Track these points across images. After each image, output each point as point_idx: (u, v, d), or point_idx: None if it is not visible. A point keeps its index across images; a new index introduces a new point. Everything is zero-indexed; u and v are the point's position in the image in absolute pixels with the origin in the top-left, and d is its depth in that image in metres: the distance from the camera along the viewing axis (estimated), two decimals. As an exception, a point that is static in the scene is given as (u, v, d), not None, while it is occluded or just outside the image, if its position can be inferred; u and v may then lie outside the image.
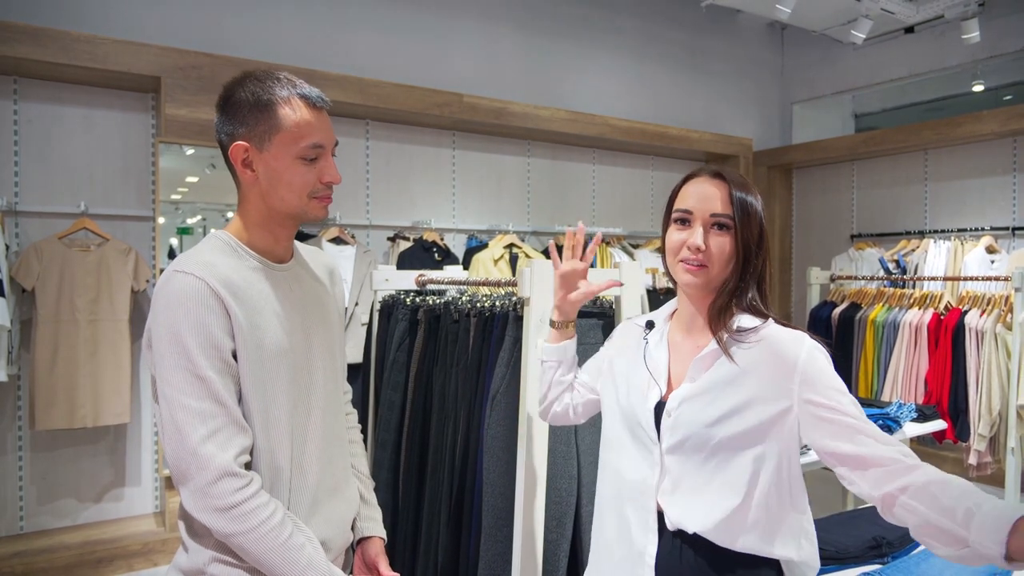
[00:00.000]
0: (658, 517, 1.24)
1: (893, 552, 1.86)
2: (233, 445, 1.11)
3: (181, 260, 1.15)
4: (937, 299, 3.59)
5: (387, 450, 2.23)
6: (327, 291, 1.39)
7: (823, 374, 1.16)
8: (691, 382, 1.23)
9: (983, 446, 3.26)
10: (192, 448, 1.08)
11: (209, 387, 1.10)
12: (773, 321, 1.22)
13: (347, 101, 3.75)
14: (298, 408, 1.23)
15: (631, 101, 5.28)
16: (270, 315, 1.20)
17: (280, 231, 1.26)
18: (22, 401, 3.23)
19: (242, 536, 1.09)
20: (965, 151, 4.92)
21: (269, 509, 1.12)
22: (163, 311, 1.12)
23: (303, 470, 1.22)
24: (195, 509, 1.10)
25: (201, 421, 1.09)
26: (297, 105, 1.19)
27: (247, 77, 1.21)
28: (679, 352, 1.30)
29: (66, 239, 3.20)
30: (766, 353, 1.18)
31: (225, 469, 1.08)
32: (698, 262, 1.21)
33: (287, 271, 1.29)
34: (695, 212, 1.23)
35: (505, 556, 1.80)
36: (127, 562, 3.16)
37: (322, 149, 1.22)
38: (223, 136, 1.22)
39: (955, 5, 4.61)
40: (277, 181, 1.20)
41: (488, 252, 4.14)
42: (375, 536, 1.39)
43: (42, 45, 2.99)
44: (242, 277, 1.19)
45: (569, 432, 1.90)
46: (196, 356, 1.09)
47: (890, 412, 2.62)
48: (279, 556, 1.11)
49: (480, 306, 2.03)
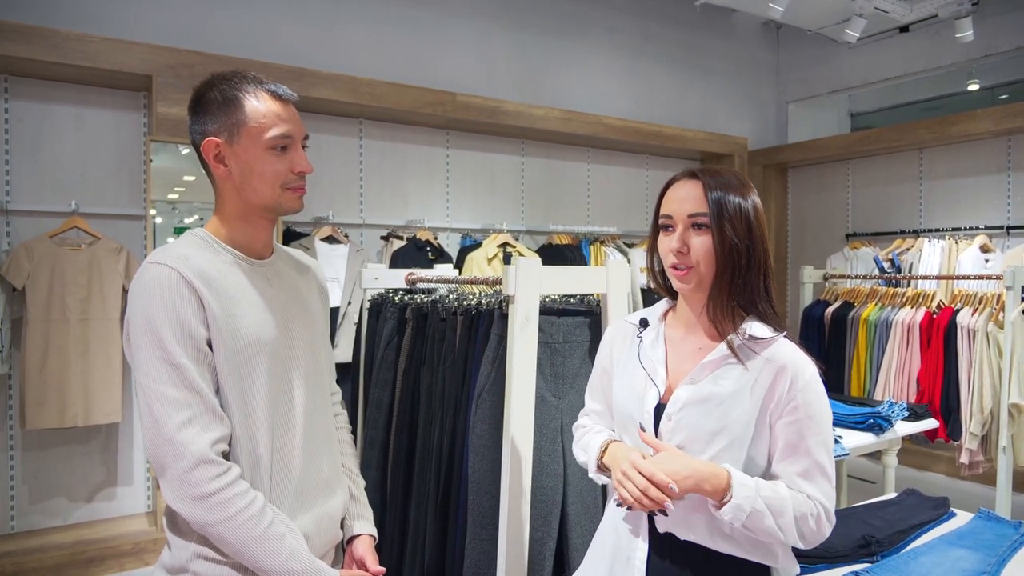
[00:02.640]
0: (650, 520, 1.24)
1: (882, 551, 1.85)
2: (210, 433, 1.11)
3: (156, 253, 1.17)
4: (930, 298, 3.58)
5: (375, 448, 2.23)
6: (310, 289, 1.40)
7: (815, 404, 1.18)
8: (693, 384, 1.22)
9: (975, 445, 3.25)
10: (168, 436, 1.08)
11: (184, 375, 1.10)
12: (784, 337, 1.23)
13: (340, 100, 3.74)
14: (279, 400, 1.23)
15: (626, 100, 5.28)
16: (247, 307, 1.21)
17: (257, 225, 1.27)
18: (13, 400, 3.22)
19: (220, 525, 1.09)
20: (960, 150, 4.92)
21: (247, 498, 1.12)
22: (138, 301, 1.13)
23: (285, 462, 1.22)
24: (173, 498, 1.10)
25: (177, 409, 1.09)
26: (263, 98, 1.22)
27: (215, 78, 1.25)
28: (678, 350, 1.29)
29: (57, 238, 3.19)
30: (776, 366, 1.19)
31: (201, 456, 1.08)
32: (684, 265, 1.21)
33: (267, 266, 1.30)
34: (675, 216, 1.23)
35: (491, 554, 1.80)
36: (118, 562, 3.15)
37: (291, 139, 1.24)
38: (195, 136, 1.24)
39: (949, 4, 4.61)
40: (249, 173, 1.22)
41: (482, 251, 4.14)
42: (364, 534, 1.39)
43: (33, 43, 2.99)
44: (217, 269, 1.20)
45: (555, 430, 1.90)
46: (170, 344, 1.10)
47: (881, 411, 2.61)
48: (259, 546, 1.11)
49: (466, 304, 2.02)
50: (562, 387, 1.93)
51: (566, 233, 4.61)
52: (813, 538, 1.17)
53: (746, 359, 1.19)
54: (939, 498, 2.15)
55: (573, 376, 1.95)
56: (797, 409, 1.16)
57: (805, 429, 1.16)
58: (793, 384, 1.17)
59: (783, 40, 6.24)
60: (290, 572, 1.12)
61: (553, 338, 1.91)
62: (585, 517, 1.90)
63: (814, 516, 1.15)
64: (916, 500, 2.16)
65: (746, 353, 1.20)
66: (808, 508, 1.15)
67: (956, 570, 1.71)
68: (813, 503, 1.15)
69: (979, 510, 2.07)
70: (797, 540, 1.15)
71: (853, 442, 2.43)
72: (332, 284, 3.74)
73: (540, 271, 1.78)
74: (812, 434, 1.16)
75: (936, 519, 2.03)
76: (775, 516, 1.12)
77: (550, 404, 1.90)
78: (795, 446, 1.17)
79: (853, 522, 1.98)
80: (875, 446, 2.58)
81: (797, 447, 1.17)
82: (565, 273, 1.91)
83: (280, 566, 1.11)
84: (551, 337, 1.91)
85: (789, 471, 1.17)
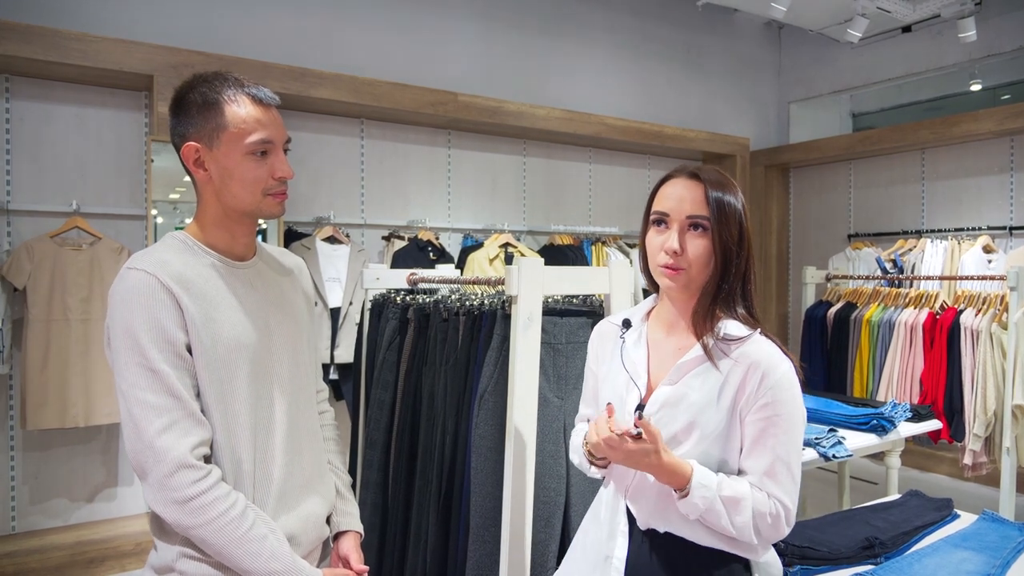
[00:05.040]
0: (629, 518, 1.24)
1: (886, 553, 1.84)
2: (189, 437, 1.11)
3: (134, 258, 1.17)
4: (933, 298, 3.57)
5: (376, 450, 2.22)
6: (294, 289, 1.39)
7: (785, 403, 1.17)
8: (671, 385, 1.22)
9: (978, 446, 3.24)
10: (148, 441, 1.09)
11: (163, 380, 1.11)
12: (759, 333, 1.21)
13: (341, 100, 3.73)
14: (260, 402, 1.23)
15: (627, 100, 5.27)
16: (227, 310, 1.21)
17: (237, 229, 1.27)
18: (13, 400, 3.22)
19: (201, 528, 1.10)
20: (962, 150, 4.91)
21: (228, 501, 1.12)
22: (117, 308, 1.13)
23: (267, 464, 1.22)
24: (154, 502, 1.10)
25: (156, 414, 1.10)
26: (244, 102, 1.21)
27: (196, 79, 1.24)
28: (659, 351, 1.28)
29: (58, 238, 3.18)
30: (746, 364, 1.18)
31: (181, 461, 1.09)
32: (676, 265, 1.21)
33: (248, 268, 1.30)
34: (671, 214, 1.22)
35: (493, 556, 1.79)
36: (119, 562, 3.14)
37: (271, 144, 1.23)
38: (176, 138, 1.24)
39: (951, 4, 4.60)
40: (229, 178, 1.21)
41: (483, 251, 4.13)
42: (350, 531, 1.39)
43: (34, 43, 2.98)
44: (196, 273, 1.19)
45: (558, 431, 1.89)
46: (149, 350, 1.10)
47: (884, 412, 2.60)
48: (240, 548, 1.11)
49: (469, 305, 2.01)
50: (565, 388, 1.92)
51: (568, 233, 4.60)
52: (770, 536, 1.17)
53: (718, 359, 1.19)
54: (942, 500, 2.15)
55: (576, 377, 1.94)
56: (766, 407, 1.16)
57: (772, 427, 1.16)
58: (763, 381, 1.16)
59: (785, 40, 6.23)
60: (271, 573, 1.13)
61: (556, 339, 1.90)
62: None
63: (772, 515, 1.15)
64: (920, 502, 2.15)
65: (718, 353, 1.19)
66: (767, 507, 1.15)
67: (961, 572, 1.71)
68: (773, 502, 1.15)
69: (983, 512, 2.07)
70: (752, 538, 1.15)
71: (856, 443, 2.42)
72: (334, 284, 3.73)
73: (543, 271, 1.77)
74: (779, 432, 1.15)
75: (940, 521, 2.03)
76: (731, 515, 1.13)
77: (553, 405, 1.89)
78: (761, 443, 1.16)
79: (856, 524, 1.97)
80: (878, 447, 2.57)
81: (763, 444, 1.16)
82: (568, 273, 1.90)
83: (261, 567, 1.12)
84: (554, 338, 1.90)
85: (754, 467, 1.17)
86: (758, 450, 1.17)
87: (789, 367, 1.18)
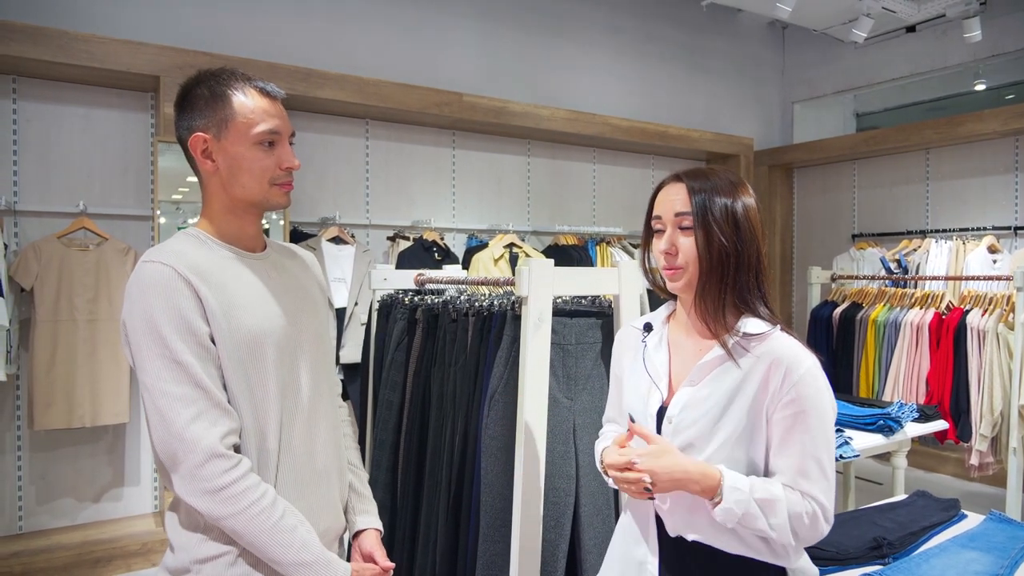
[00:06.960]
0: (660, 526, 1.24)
1: (894, 553, 1.84)
2: (218, 427, 1.11)
3: (150, 252, 1.17)
4: (938, 299, 3.57)
5: (385, 450, 2.22)
6: (310, 280, 1.40)
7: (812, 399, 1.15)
8: (692, 386, 1.22)
9: (985, 446, 3.24)
10: (178, 432, 1.08)
11: (188, 372, 1.10)
12: (780, 330, 1.21)
13: (346, 100, 3.74)
14: (287, 390, 1.23)
15: (631, 100, 5.27)
16: (247, 298, 1.20)
17: (245, 219, 1.27)
18: (21, 401, 3.22)
19: (232, 518, 1.10)
20: (967, 150, 4.91)
21: (259, 491, 1.12)
22: (136, 301, 1.12)
23: (291, 451, 1.22)
24: (185, 493, 1.10)
25: (183, 405, 1.09)
26: (252, 94, 1.23)
27: (203, 74, 1.26)
28: (681, 353, 1.29)
29: (65, 238, 3.19)
30: (768, 361, 1.17)
31: (212, 451, 1.09)
32: (673, 265, 1.23)
33: (263, 259, 1.30)
34: (663, 217, 1.25)
35: (503, 557, 1.79)
36: (125, 562, 3.15)
37: (278, 135, 1.24)
38: (182, 131, 1.25)
39: (956, 4, 4.59)
40: (237, 168, 1.22)
41: (488, 252, 4.13)
42: (370, 528, 1.39)
43: (41, 44, 2.99)
44: (213, 263, 1.19)
45: (568, 431, 1.89)
46: (172, 341, 1.10)
47: (891, 412, 2.61)
48: (271, 538, 1.12)
49: (478, 305, 2.02)
50: (574, 388, 1.93)
51: (572, 234, 4.60)
52: (808, 537, 1.15)
53: (739, 357, 1.18)
54: (949, 500, 2.15)
55: (585, 377, 1.94)
56: (792, 403, 1.14)
57: (800, 423, 1.14)
58: (787, 378, 1.15)
59: (789, 40, 6.23)
60: (302, 563, 1.13)
61: (565, 339, 1.91)
62: (598, 519, 1.90)
63: (809, 515, 1.12)
64: (927, 502, 2.15)
65: (739, 351, 1.19)
66: (803, 507, 1.12)
67: (969, 572, 1.71)
68: (808, 501, 1.13)
69: (990, 512, 2.07)
70: (791, 539, 1.13)
71: (863, 443, 2.42)
72: (339, 285, 3.73)
73: (553, 272, 1.78)
74: (808, 428, 1.13)
75: (947, 521, 2.03)
76: (768, 517, 1.11)
77: (562, 405, 1.89)
78: (789, 441, 1.15)
79: (864, 524, 1.97)
80: (885, 447, 2.57)
81: (791, 442, 1.14)
82: (578, 274, 1.90)
83: (292, 557, 1.12)
84: (563, 338, 1.90)
85: (784, 467, 1.15)
86: (787, 449, 1.15)
87: (814, 362, 1.17)
